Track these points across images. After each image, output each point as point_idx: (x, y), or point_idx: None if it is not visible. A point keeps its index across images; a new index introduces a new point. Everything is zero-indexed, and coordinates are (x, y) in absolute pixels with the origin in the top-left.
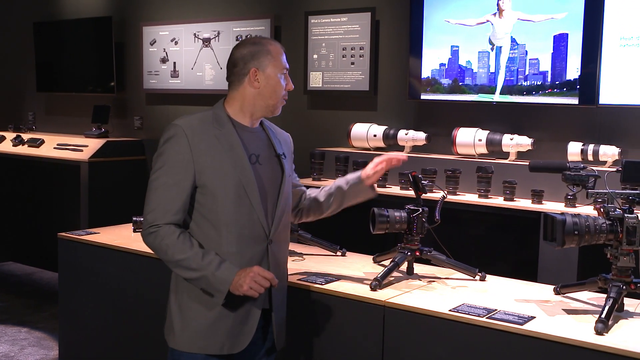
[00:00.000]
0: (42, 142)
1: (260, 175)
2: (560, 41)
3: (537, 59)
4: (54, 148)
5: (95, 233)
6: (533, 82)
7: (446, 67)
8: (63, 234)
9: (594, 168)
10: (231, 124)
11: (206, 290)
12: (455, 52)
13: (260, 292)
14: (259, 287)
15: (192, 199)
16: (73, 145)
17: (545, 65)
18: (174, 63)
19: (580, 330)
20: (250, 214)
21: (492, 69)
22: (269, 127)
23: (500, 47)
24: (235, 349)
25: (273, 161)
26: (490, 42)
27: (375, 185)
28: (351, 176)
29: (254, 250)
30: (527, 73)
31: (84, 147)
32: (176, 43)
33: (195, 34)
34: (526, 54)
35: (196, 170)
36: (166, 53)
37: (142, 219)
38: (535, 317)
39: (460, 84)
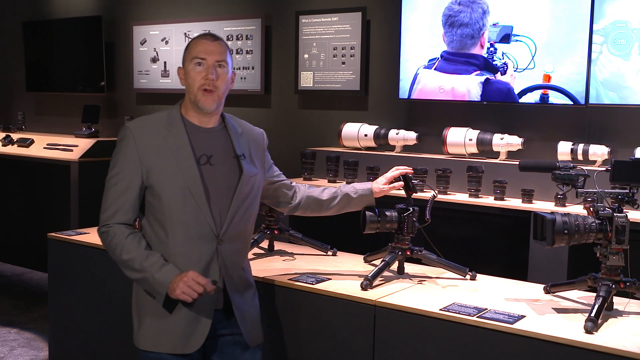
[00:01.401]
0: (32, 142)
1: (211, 176)
2: None
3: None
4: (44, 148)
5: (85, 233)
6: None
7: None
8: (52, 234)
9: (584, 167)
10: (182, 124)
11: (149, 293)
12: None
13: (194, 297)
14: (191, 292)
15: (145, 199)
16: (63, 145)
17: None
18: (165, 63)
19: (570, 329)
20: (197, 214)
21: None
22: (233, 126)
23: None
24: (188, 349)
25: (230, 161)
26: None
27: None
28: (360, 186)
29: (201, 250)
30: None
31: (74, 147)
32: (166, 42)
33: (185, 34)
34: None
35: (143, 171)
36: (156, 53)
37: None
38: (525, 316)
39: None
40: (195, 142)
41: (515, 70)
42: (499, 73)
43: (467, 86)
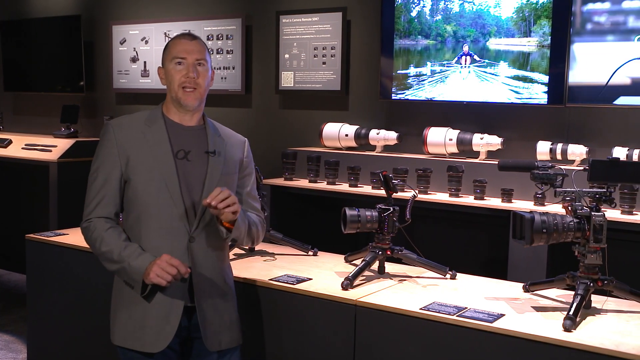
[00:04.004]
0: (10, 142)
1: (187, 171)
2: None
3: None
4: (22, 148)
5: (64, 234)
6: None
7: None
8: (31, 235)
9: (562, 167)
10: (163, 121)
11: (128, 283)
12: None
13: (168, 279)
14: (165, 275)
15: (124, 193)
16: (41, 146)
17: None
18: (144, 62)
19: (548, 327)
20: (171, 209)
21: None
22: (212, 126)
23: None
24: (155, 347)
25: (205, 158)
26: None
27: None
28: None
29: (172, 245)
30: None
31: (53, 147)
32: (146, 42)
33: (165, 33)
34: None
35: (122, 163)
36: (136, 52)
37: None
38: (504, 315)
39: None
40: (174, 138)
41: None
42: None
43: None
